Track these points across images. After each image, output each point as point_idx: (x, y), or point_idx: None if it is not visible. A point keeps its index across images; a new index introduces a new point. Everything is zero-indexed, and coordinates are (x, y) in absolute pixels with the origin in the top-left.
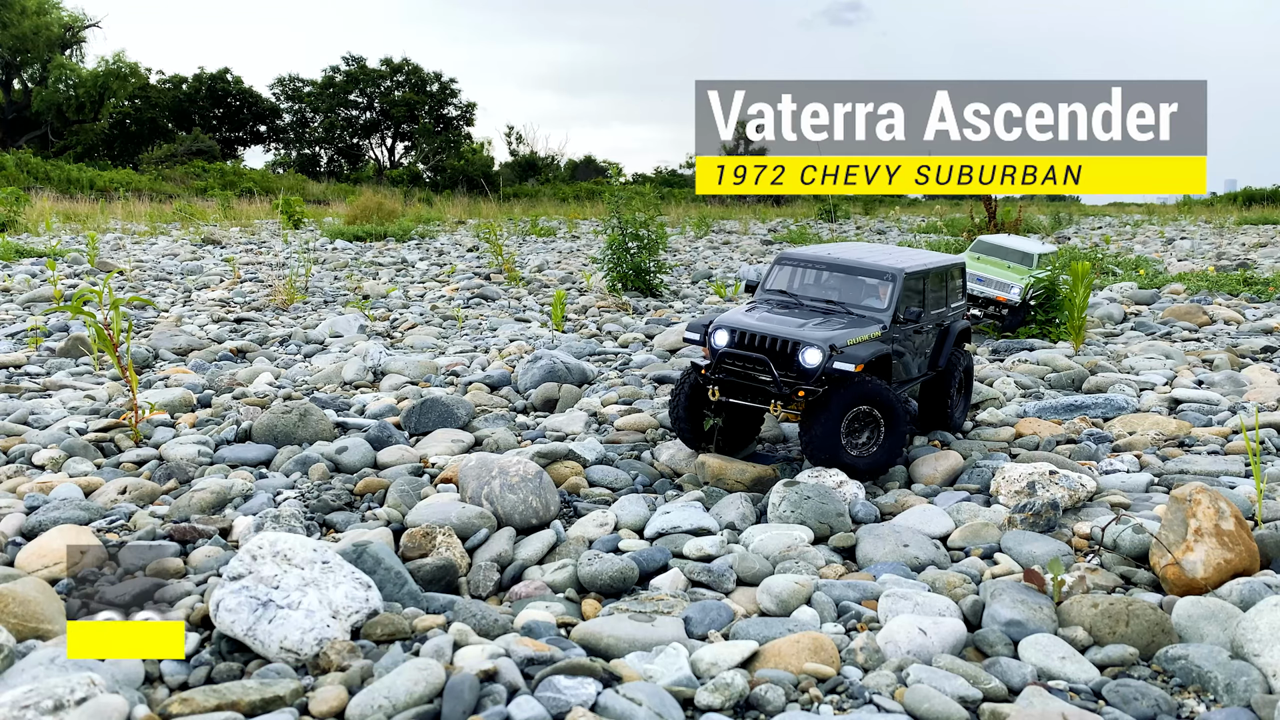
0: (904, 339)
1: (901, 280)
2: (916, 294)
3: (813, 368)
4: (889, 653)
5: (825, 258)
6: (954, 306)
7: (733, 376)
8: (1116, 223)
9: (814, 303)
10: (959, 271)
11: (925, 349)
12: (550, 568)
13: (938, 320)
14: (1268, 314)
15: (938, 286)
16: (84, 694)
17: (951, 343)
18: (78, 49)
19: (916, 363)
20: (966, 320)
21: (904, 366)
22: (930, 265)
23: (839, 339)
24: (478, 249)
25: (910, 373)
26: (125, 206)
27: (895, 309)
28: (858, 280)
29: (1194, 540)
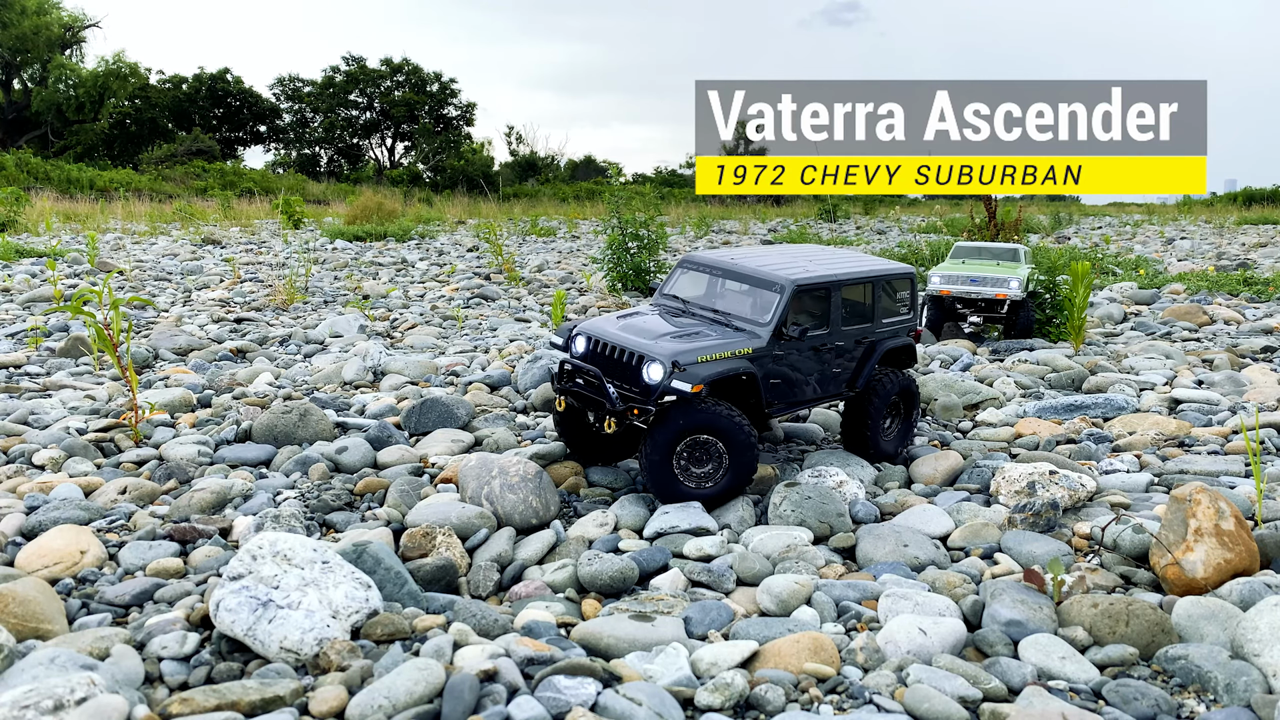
0: (794, 357)
1: (790, 293)
2: (817, 308)
3: (654, 384)
4: (889, 653)
5: (721, 263)
6: (886, 322)
7: (580, 388)
8: (1116, 223)
9: (703, 312)
10: (900, 283)
11: (834, 368)
12: (550, 568)
13: (858, 337)
14: (1268, 314)
15: (859, 299)
16: (84, 694)
17: (874, 363)
18: (78, 49)
19: (818, 383)
20: (911, 338)
21: (790, 387)
22: (844, 276)
23: (686, 354)
24: (478, 249)
25: (802, 394)
26: (125, 206)
27: (779, 324)
28: (748, 290)
29: (1194, 540)
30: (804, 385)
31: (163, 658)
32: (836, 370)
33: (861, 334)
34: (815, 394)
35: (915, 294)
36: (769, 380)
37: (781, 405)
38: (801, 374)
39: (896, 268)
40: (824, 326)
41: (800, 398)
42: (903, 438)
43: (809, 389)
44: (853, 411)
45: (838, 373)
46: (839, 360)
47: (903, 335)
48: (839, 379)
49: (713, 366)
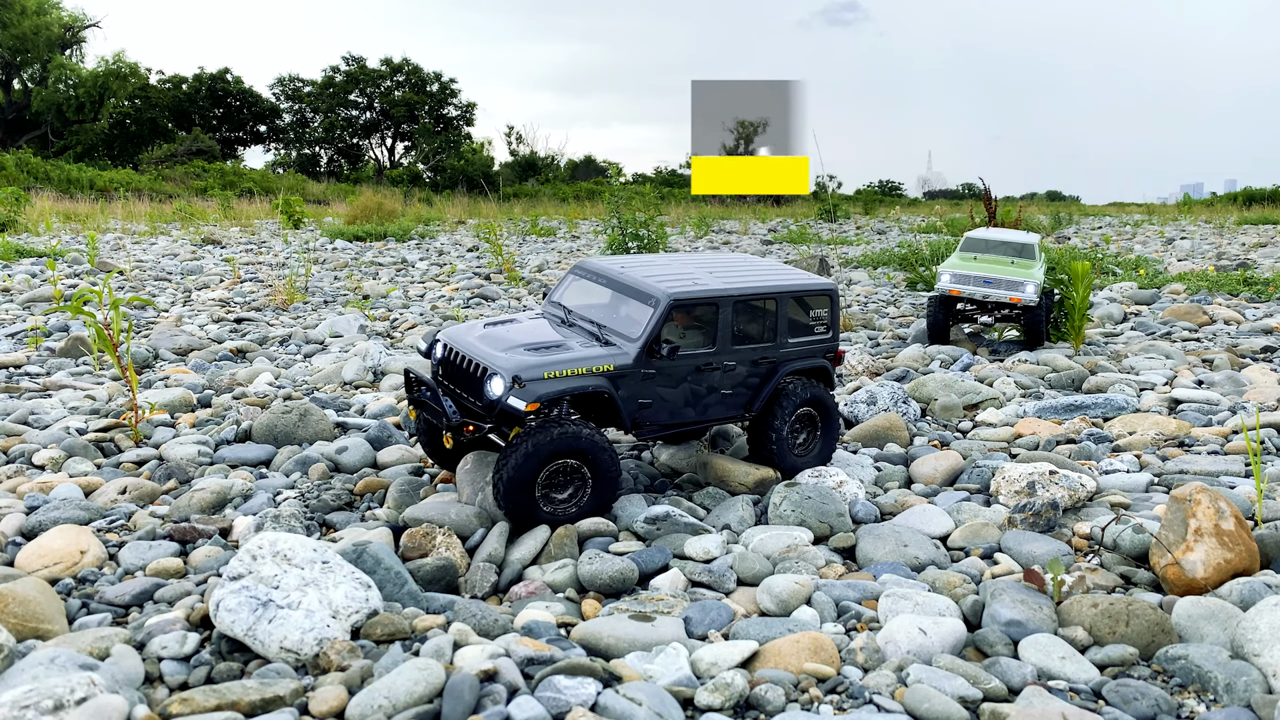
0: (672, 376)
1: (664, 307)
2: (701, 324)
3: (494, 399)
4: (889, 653)
5: (608, 271)
6: (794, 343)
7: (426, 397)
8: (1116, 223)
9: (583, 322)
10: (817, 300)
11: (725, 389)
12: (550, 568)
13: (755, 357)
14: (1268, 314)
15: (758, 316)
16: (84, 694)
17: (773, 385)
18: (78, 49)
19: (704, 405)
20: (824, 360)
21: (668, 408)
22: (736, 290)
23: (530, 369)
24: (478, 249)
25: (683, 416)
26: (125, 206)
27: (650, 340)
28: (625, 301)
29: (1194, 540)
30: (685, 407)
31: (163, 658)
32: (727, 392)
33: (760, 354)
34: (701, 416)
35: (836, 313)
36: (638, 400)
37: (656, 427)
38: (682, 395)
39: (812, 282)
40: (709, 344)
41: (681, 420)
42: (822, 452)
43: (692, 411)
44: (755, 422)
45: (729, 394)
46: (730, 382)
47: (818, 357)
48: (732, 401)
49: (558, 384)
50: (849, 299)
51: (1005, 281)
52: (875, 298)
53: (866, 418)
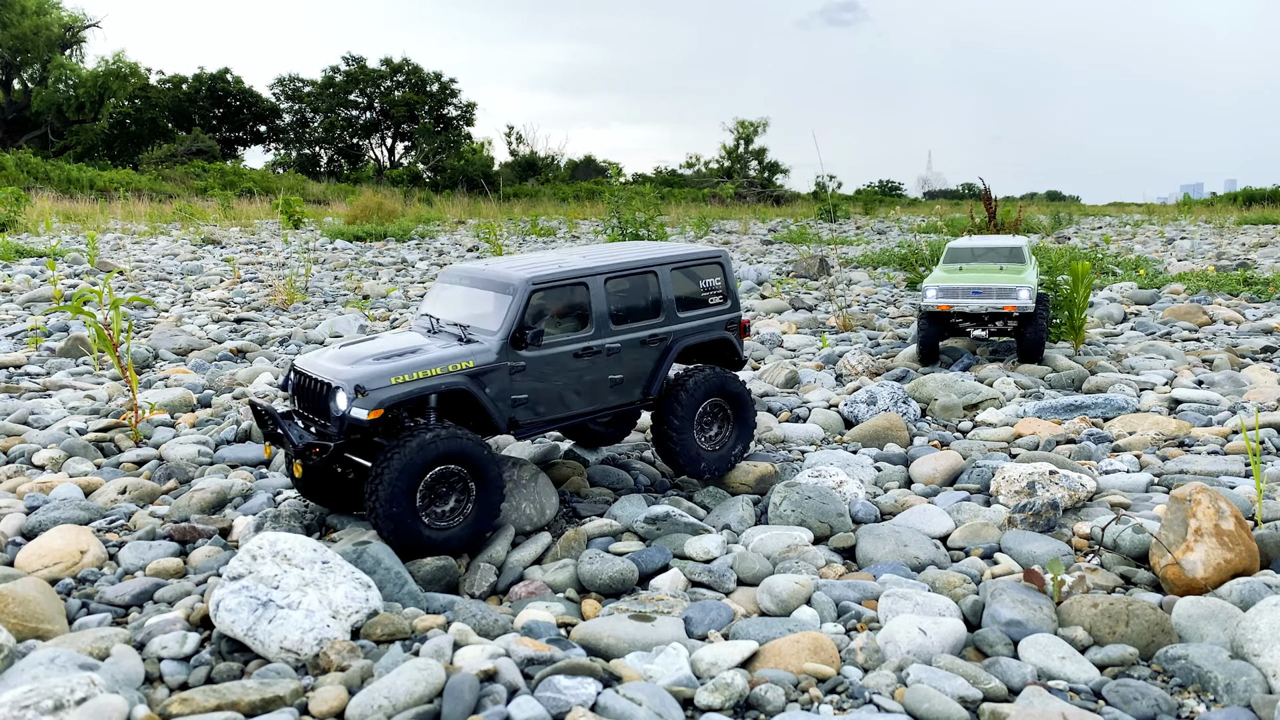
0: (547, 366)
1: (523, 293)
2: (571, 307)
3: (340, 414)
4: (889, 653)
5: (468, 271)
6: (686, 316)
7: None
8: (1116, 223)
9: (449, 327)
10: (706, 270)
11: (614, 374)
12: (551, 568)
13: (644, 336)
14: (1268, 314)
15: (639, 292)
16: (84, 694)
17: (669, 364)
18: (78, 49)
19: (593, 394)
20: (727, 334)
21: (549, 401)
22: (604, 267)
23: (374, 378)
24: (478, 249)
25: (569, 407)
26: (125, 206)
27: (513, 330)
28: (484, 296)
29: (1194, 540)
30: (569, 398)
31: (163, 658)
32: (618, 376)
33: (649, 332)
34: (590, 406)
35: (730, 280)
36: (510, 397)
37: (539, 424)
38: (565, 386)
39: (695, 251)
40: (585, 327)
41: (569, 412)
42: (735, 447)
43: (579, 401)
44: (657, 419)
45: (621, 379)
46: (620, 366)
47: (717, 330)
48: (626, 386)
49: (405, 388)
50: (848, 299)
51: (997, 289)
52: (875, 298)
53: (866, 418)
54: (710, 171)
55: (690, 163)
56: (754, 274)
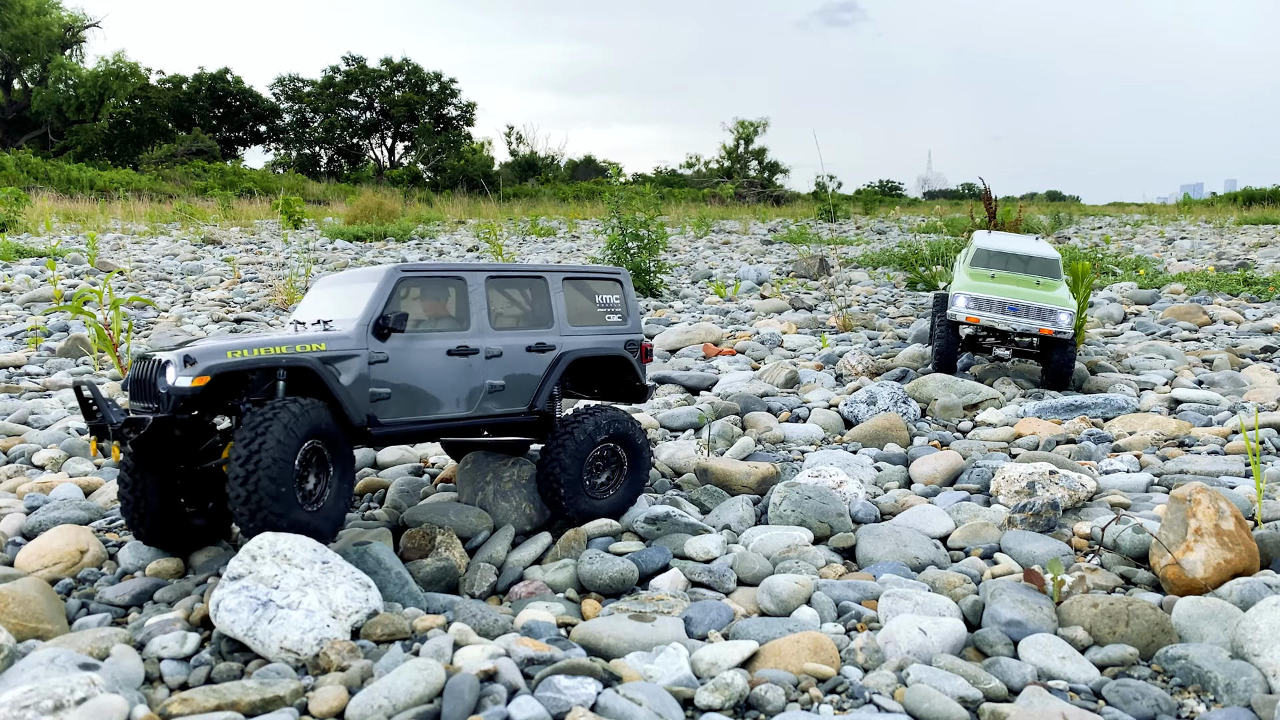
0: (416, 360)
1: (390, 280)
2: (445, 301)
3: (168, 388)
4: (889, 653)
5: (339, 274)
6: (577, 329)
7: None
8: (1116, 223)
9: (314, 326)
10: (604, 286)
11: (491, 379)
12: (551, 568)
13: (529, 343)
14: (1268, 314)
15: (525, 295)
16: (84, 694)
17: (556, 376)
18: (78, 49)
19: (467, 398)
20: (625, 352)
21: (416, 400)
22: (496, 268)
23: (208, 352)
24: (478, 249)
25: (438, 408)
26: (125, 206)
27: (373, 316)
28: (357, 288)
29: (1194, 540)
30: (440, 400)
31: (163, 658)
32: (499, 383)
33: (535, 340)
34: (465, 412)
35: (629, 300)
36: (369, 389)
37: (403, 425)
38: (434, 385)
39: (592, 267)
40: (462, 326)
41: (435, 415)
42: (625, 497)
43: (451, 405)
44: (545, 454)
45: (501, 386)
46: (500, 371)
47: (614, 347)
48: (508, 395)
49: (239, 361)
50: (848, 299)
51: (1035, 309)
52: (875, 298)
53: (866, 418)
54: (710, 171)
55: (690, 163)
56: (754, 274)
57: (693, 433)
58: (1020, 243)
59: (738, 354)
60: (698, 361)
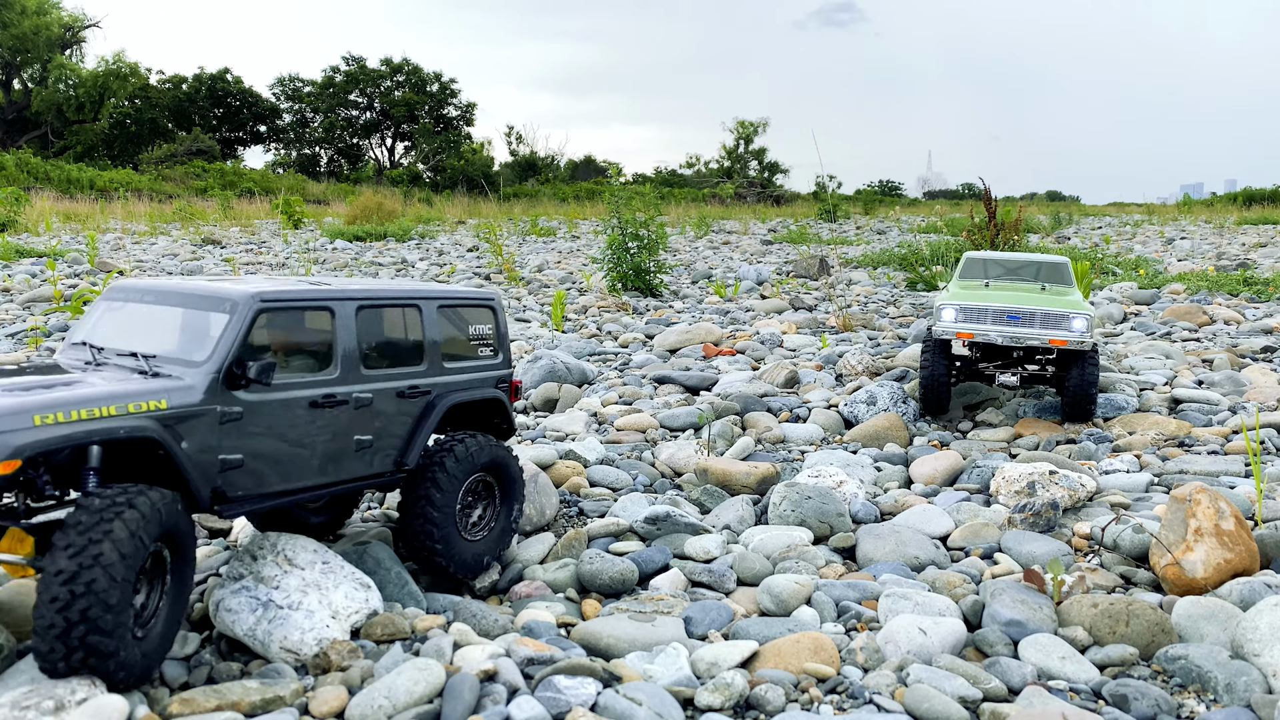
0: (271, 416)
1: (249, 312)
2: (309, 340)
3: None
4: (889, 653)
5: (158, 287)
6: (453, 368)
7: None
8: (1116, 223)
9: (120, 359)
10: (476, 313)
11: (362, 434)
12: (551, 567)
13: (401, 388)
14: (1268, 314)
15: (397, 331)
16: (84, 694)
17: (431, 426)
18: (78, 49)
19: (334, 459)
20: (499, 394)
21: (274, 467)
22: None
23: (11, 413)
24: (478, 249)
25: (300, 477)
26: (125, 206)
27: (228, 360)
28: (189, 317)
29: (1194, 540)
30: (301, 464)
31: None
32: (366, 438)
33: (408, 383)
34: (327, 478)
35: (502, 330)
36: (219, 456)
37: (256, 498)
38: (294, 445)
39: (465, 292)
40: (326, 368)
41: (295, 484)
42: (500, 537)
43: (313, 469)
44: (408, 501)
45: (370, 443)
46: (369, 423)
47: (487, 387)
48: (376, 452)
49: (58, 430)
50: (848, 299)
51: (1042, 315)
52: (875, 298)
53: (866, 418)
54: (710, 171)
55: (690, 163)
56: (754, 274)
57: (693, 433)
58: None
59: (738, 354)
60: (698, 361)
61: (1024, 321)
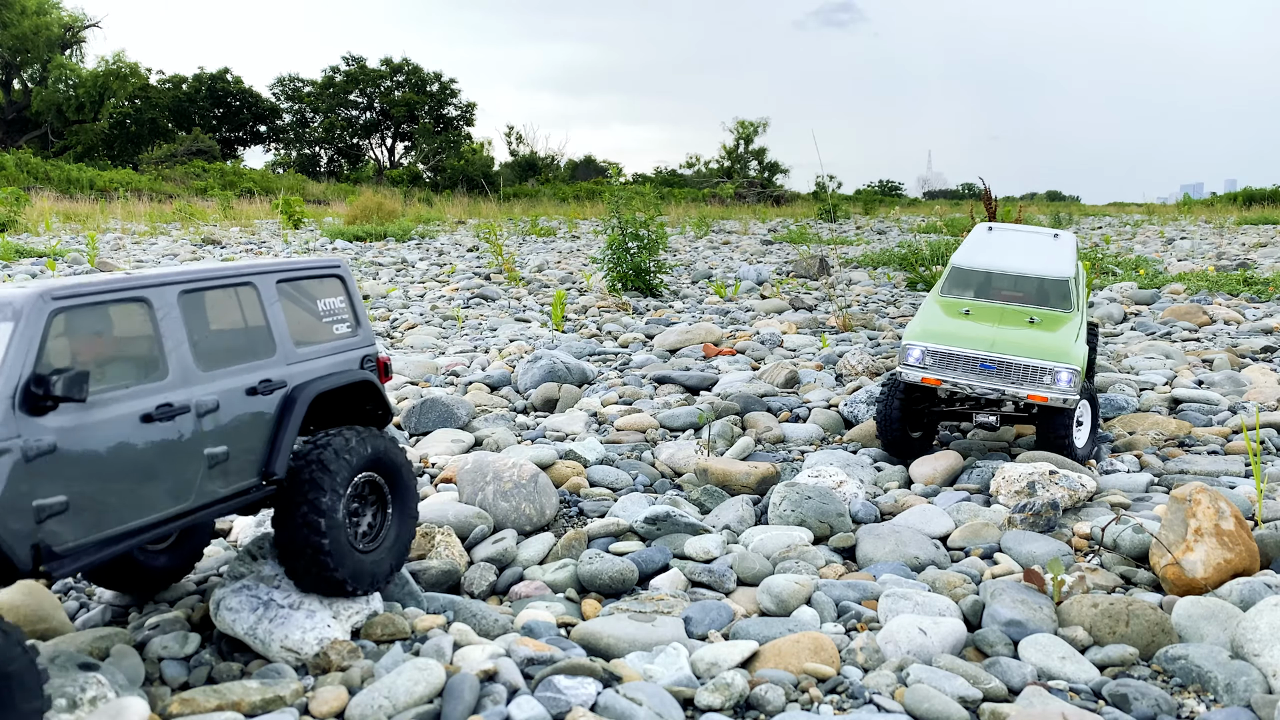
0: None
1: (39, 319)
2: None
3: None
4: (889, 653)
5: None
6: (307, 352)
7: None
8: (1116, 223)
9: None
10: (323, 286)
11: (213, 444)
12: (550, 567)
13: (251, 383)
14: (1268, 314)
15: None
16: (94, 692)
17: (296, 423)
18: (78, 49)
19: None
20: (368, 375)
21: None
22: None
23: None
24: (478, 249)
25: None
26: (125, 206)
27: (28, 379)
28: None
29: (1194, 540)
30: (141, 494)
31: (163, 658)
32: (219, 449)
33: (259, 376)
34: (179, 506)
35: (356, 301)
36: (34, 504)
37: (93, 544)
38: (131, 474)
39: (305, 261)
40: (155, 373)
41: (139, 520)
42: (395, 547)
43: (159, 498)
44: (283, 511)
45: (223, 454)
46: (218, 431)
47: (353, 370)
48: (234, 465)
49: None
50: (848, 299)
51: (1020, 368)
52: (875, 298)
53: (866, 418)
54: (710, 171)
55: (690, 163)
56: (754, 274)
57: (693, 433)
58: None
59: (738, 354)
60: (698, 361)
61: (999, 372)
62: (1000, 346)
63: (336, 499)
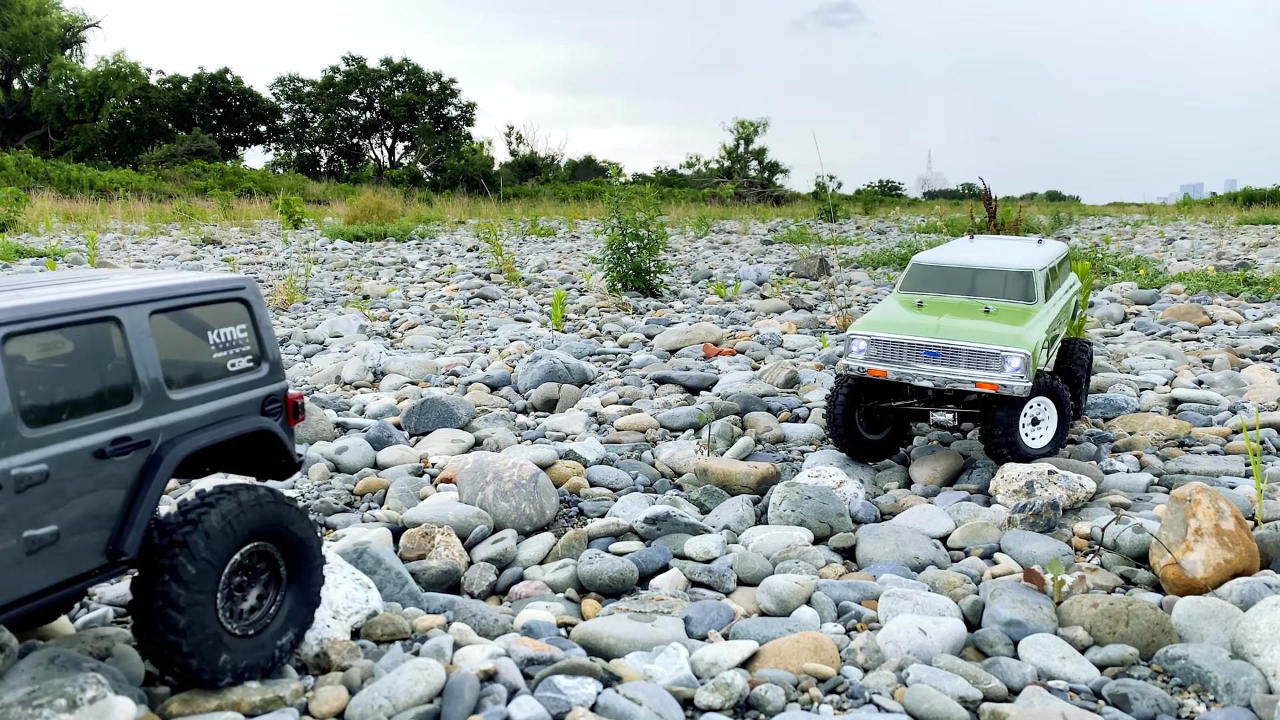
0: None
1: None
2: None
3: None
4: (889, 653)
5: None
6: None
7: None
8: (1116, 223)
9: None
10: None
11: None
12: (550, 567)
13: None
14: (1268, 314)
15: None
16: (94, 693)
17: (157, 490)
18: (78, 49)
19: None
20: (267, 422)
21: None
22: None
23: None
24: (478, 249)
25: None
26: (125, 206)
27: None
28: None
29: (1194, 540)
30: None
31: None
32: (46, 530)
33: (110, 434)
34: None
35: (263, 329)
36: None
37: None
38: None
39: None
40: None
41: None
42: (285, 632)
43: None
44: (138, 593)
45: (50, 536)
46: (46, 506)
47: (247, 417)
48: (67, 547)
49: None
50: (848, 299)
51: (966, 352)
52: (875, 298)
53: None
54: (710, 171)
55: (690, 163)
56: (754, 274)
57: (692, 433)
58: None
59: (738, 354)
60: (698, 361)
61: (944, 358)
62: (945, 332)
63: (205, 584)
